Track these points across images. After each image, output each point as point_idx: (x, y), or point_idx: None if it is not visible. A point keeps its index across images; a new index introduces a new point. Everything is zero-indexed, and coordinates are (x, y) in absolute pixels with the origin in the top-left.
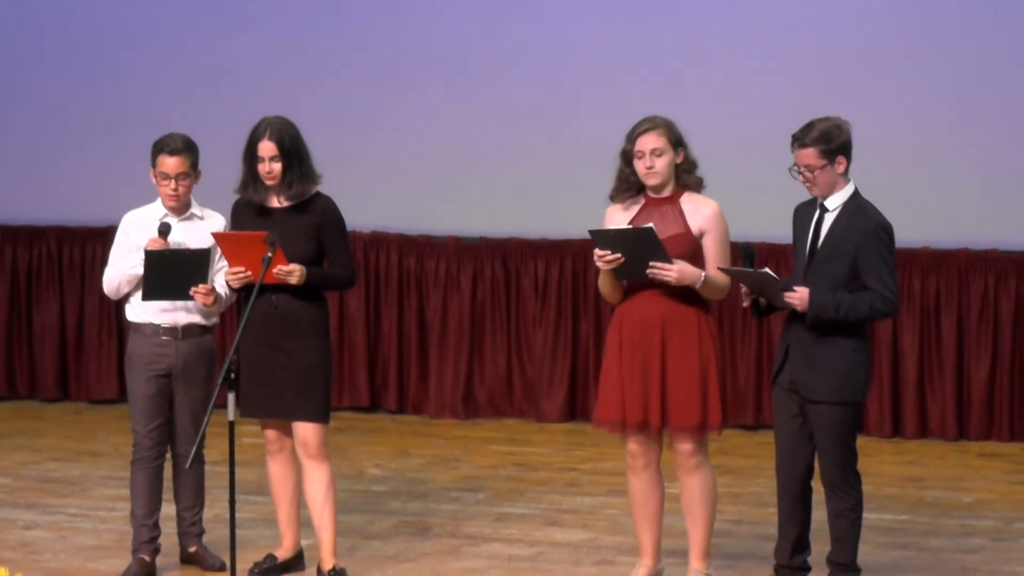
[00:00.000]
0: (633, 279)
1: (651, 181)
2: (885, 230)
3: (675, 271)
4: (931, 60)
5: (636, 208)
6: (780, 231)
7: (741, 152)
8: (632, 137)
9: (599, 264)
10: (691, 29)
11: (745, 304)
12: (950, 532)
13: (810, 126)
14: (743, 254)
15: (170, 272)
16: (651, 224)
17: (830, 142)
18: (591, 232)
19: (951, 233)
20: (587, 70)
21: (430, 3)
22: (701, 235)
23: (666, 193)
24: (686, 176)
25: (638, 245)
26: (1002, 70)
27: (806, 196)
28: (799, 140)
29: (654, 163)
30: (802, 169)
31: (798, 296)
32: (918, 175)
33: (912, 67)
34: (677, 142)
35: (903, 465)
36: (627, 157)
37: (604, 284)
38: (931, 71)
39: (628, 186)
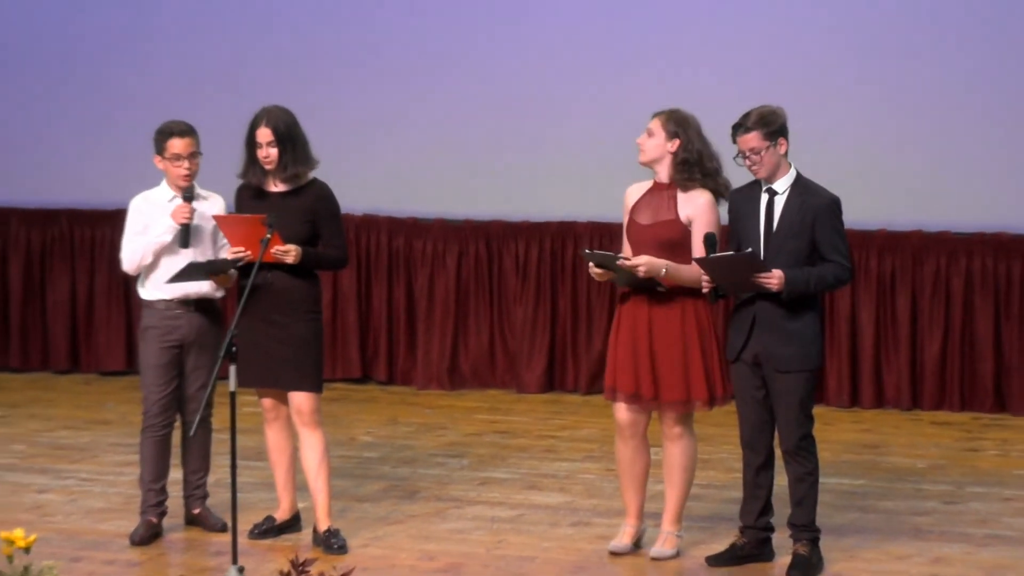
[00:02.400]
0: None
1: (646, 161)
2: (837, 204)
3: (643, 264)
4: (885, 59)
5: (646, 188)
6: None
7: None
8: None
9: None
10: (671, 27)
11: (704, 290)
12: (904, 495)
13: (748, 114)
14: (706, 243)
15: (202, 275)
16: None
17: (769, 125)
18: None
19: (905, 216)
20: (567, 66)
21: (417, 3)
22: (690, 223)
23: (665, 180)
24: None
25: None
26: (947, 65)
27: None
28: (741, 126)
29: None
30: (747, 153)
31: (776, 277)
32: (876, 162)
33: (867, 65)
34: (675, 134)
35: (860, 433)
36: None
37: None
38: (884, 69)
39: None
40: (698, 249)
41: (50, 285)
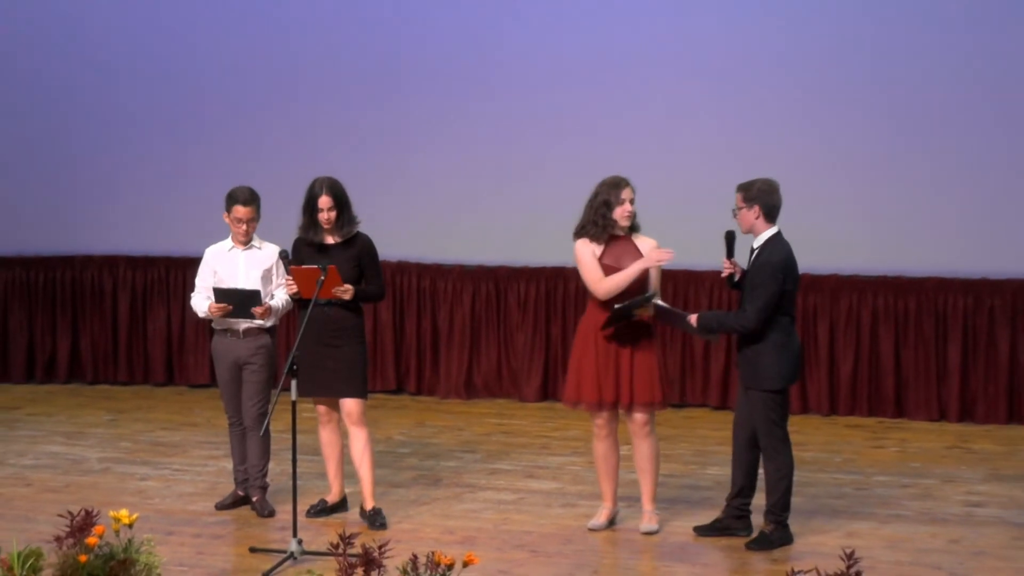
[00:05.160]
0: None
1: (629, 223)
2: (773, 266)
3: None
4: (805, 137)
5: (603, 243)
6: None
7: (680, 197)
8: (619, 189)
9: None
10: (647, 100)
11: (724, 275)
12: (824, 484)
13: (752, 181)
14: (728, 238)
15: (236, 306)
16: (659, 299)
17: (750, 191)
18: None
19: (825, 262)
20: (563, 140)
21: (438, 90)
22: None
23: (625, 232)
24: (634, 220)
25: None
26: (857, 142)
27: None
28: (738, 187)
29: (633, 210)
30: (733, 207)
31: (693, 319)
32: (800, 219)
33: (808, 134)
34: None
35: (790, 434)
36: (610, 205)
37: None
38: (807, 146)
39: (604, 227)
40: (656, 280)
41: (150, 316)
